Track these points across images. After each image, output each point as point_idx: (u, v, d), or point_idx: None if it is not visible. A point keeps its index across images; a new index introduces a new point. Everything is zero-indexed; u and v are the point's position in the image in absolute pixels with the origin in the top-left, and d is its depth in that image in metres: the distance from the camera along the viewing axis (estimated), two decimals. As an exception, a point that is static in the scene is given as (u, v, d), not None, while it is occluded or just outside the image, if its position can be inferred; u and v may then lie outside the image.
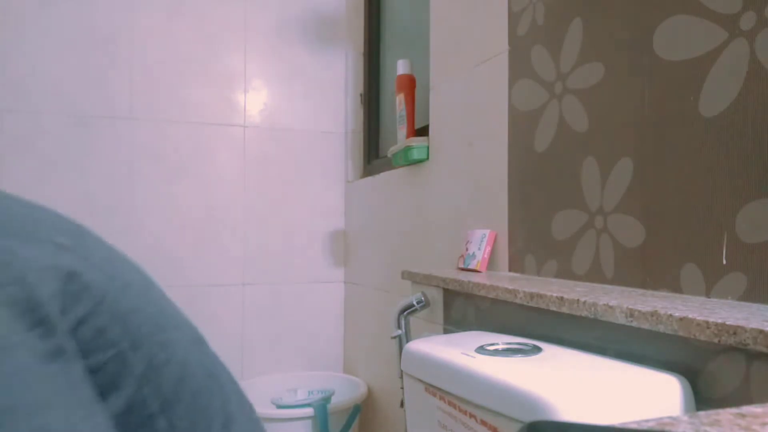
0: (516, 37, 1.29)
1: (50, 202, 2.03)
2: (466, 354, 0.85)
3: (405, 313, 1.39)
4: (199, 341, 0.44)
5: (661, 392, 0.73)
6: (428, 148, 1.69)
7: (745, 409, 0.39)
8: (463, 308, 1.24)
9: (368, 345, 2.28)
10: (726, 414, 0.38)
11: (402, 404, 1.28)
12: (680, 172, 0.88)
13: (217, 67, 2.41)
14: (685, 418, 0.36)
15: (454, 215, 1.54)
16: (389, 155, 1.89)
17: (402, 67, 1.82)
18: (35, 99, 2.17)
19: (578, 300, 0.85)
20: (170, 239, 2.34)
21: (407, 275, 1.42)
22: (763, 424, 0.36)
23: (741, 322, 0.64)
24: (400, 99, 1.82)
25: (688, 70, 0.87)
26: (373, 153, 2.51)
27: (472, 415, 0.80)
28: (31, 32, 2.17)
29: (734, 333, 0.64)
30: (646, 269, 0.93)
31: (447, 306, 1.30)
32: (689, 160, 0.87)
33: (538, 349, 0.87)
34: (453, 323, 1.28)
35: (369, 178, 2.28)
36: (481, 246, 1.34)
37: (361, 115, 2.57)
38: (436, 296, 1.35)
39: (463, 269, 1.39)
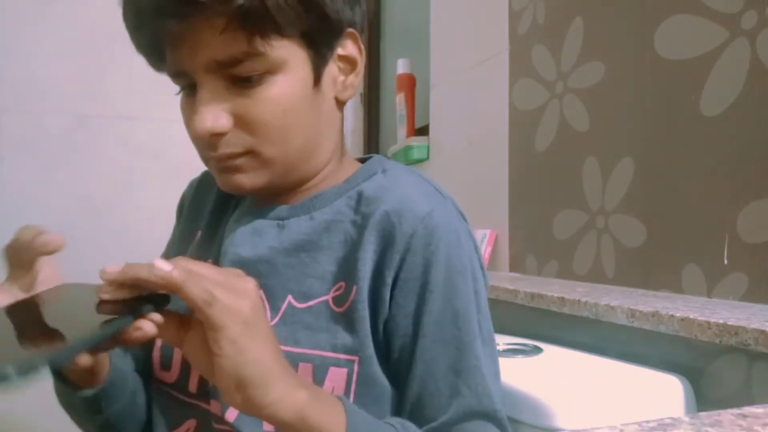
0: (516, 37, 1.29)
1: (50, 202, 2.03)
2: (466, 354, 0.85)
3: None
4: None
5: (663, 393, 0.73)
6: (428, 147, 1.69)
7: (747, 409, 0.39)
8: (464, 308, 1.23)
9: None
10: (727, 414, 0.37)
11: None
12: (682, 172, 0.88)
13: (217, 67, 2.40)
14: (687, 418, 0.36)
15: (454, 215, 1.54)
16: (389, 155, 1.89)
17: (402, 67, 1.81)
18: (35, 99, 2.17)
19: (579, 300, 0.85)
20: (170, 239, 2.33)
21: (407, 275, 1.41)
22: (765, 425, 0.36)
23: (742, 323, 0.64)
24: (400, 99, 1.81)
25: (689, 69, 0.87)
26: (373, 153, 2.50)
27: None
28: (30, 32, 2.17)
29: (736, 333, 0.64)
30: (648, 269, 0.93)
31: (447, 306, 1.30)
32: (691, 160, 0.86)
33: (538, 350, 0.87)
34: (453, 323, 1.27)
35: (369, 178, 2.27)
36: (481, 246, 1.34)
37: (361, 114, 2.57)
38: (437, 296, 1.34)
39: (463, 269, 1.39)
